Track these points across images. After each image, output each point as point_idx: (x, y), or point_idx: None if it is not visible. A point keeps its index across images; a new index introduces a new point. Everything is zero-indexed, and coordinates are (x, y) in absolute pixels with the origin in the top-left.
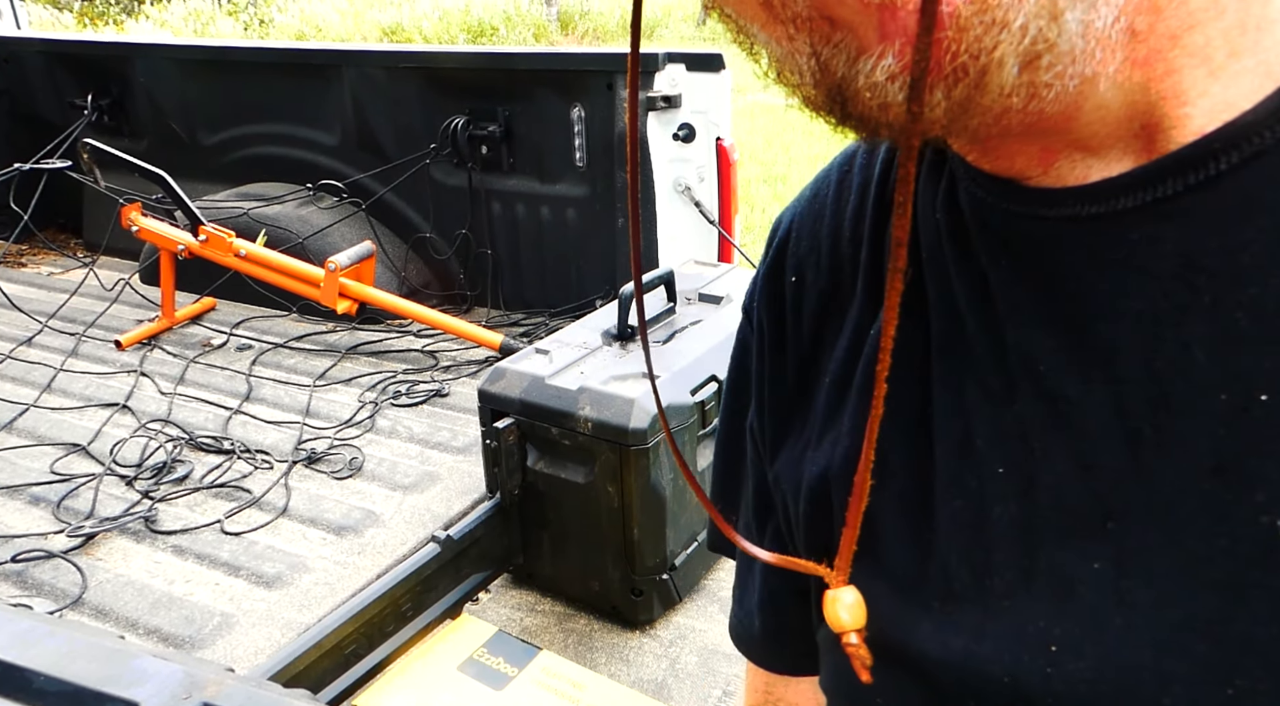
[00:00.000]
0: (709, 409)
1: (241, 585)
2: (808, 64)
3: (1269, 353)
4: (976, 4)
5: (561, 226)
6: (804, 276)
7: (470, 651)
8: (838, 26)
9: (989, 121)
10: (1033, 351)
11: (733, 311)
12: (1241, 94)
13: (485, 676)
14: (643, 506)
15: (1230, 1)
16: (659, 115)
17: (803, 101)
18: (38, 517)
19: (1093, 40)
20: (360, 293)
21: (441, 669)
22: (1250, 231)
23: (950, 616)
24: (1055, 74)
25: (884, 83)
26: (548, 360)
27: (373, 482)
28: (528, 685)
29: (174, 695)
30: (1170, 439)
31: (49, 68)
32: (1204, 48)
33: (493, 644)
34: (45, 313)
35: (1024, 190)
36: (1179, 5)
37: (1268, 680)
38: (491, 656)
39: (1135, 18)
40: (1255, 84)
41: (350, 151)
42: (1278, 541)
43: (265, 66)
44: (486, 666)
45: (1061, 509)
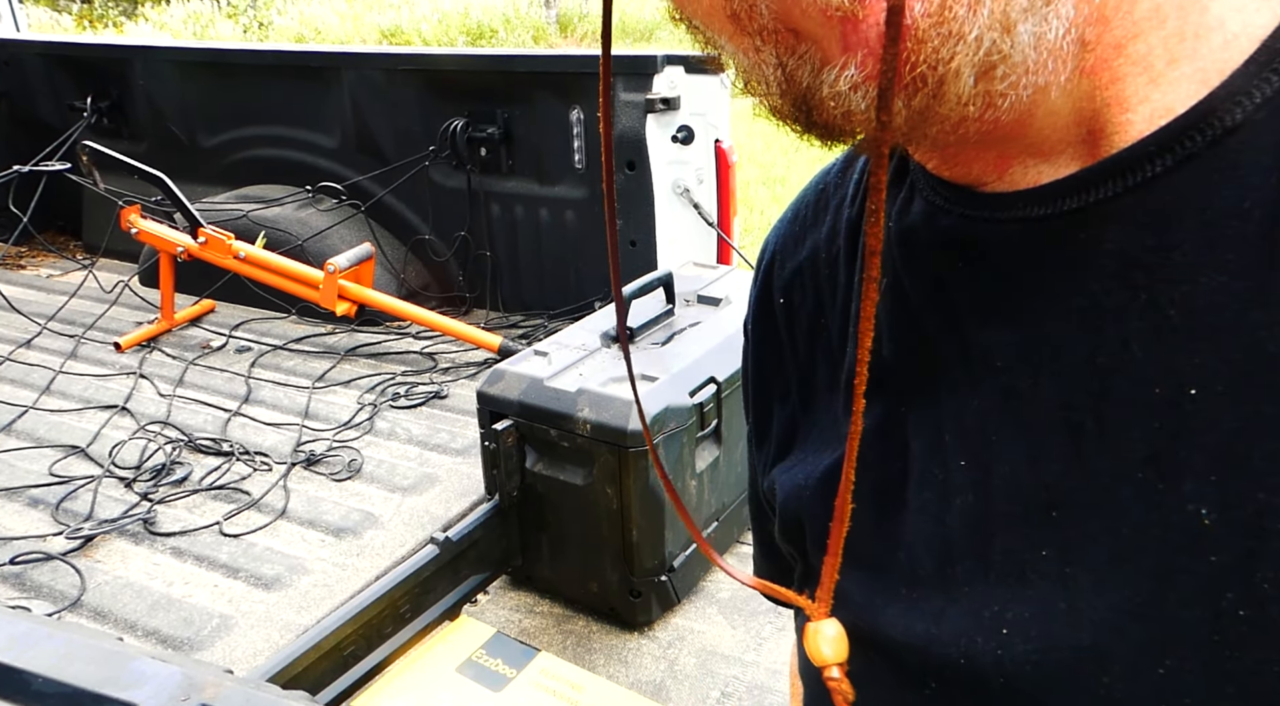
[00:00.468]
0: (707, 411)
1: (240, 587)
2: (774, 74)
3: (1198, 349)
4: (933, 17)
5: (560, 228)
6: (791, 299)
7: (469, 653)
8: (802, 38)
9: (947, 129)
10: (991, 348)
11: (732, 313)
12: (1179, 99)
13: (484, 678)
14: (641, 508)
15: (1171, 11)
16: (658, 117)
17: (769, 110)
18: (36, 519)
19: (1044, 51)
20: (359, 294)
21: (440, 670)
22: (1182, 232)
23: (915, 602)
24: (1010, 84)
25: (847, 92)
26: (546, 362)
27: (371, 484)
28: (526, 687)
29: (172, 696)
30: (1109, 431)
31: (48, 70)
32: (1146, 56)
33: (491, 645)
34: (44, 314)
35: (979, 195)
36: (1124, 16)
37: (1194, 660)
38: (490, 658)
39: (1085, 29)
40: (1192, 90)
41: (349, 154)
42: (1202, 529)
43: (265, 69)
44: (485, 668)
45: (1013, 498)
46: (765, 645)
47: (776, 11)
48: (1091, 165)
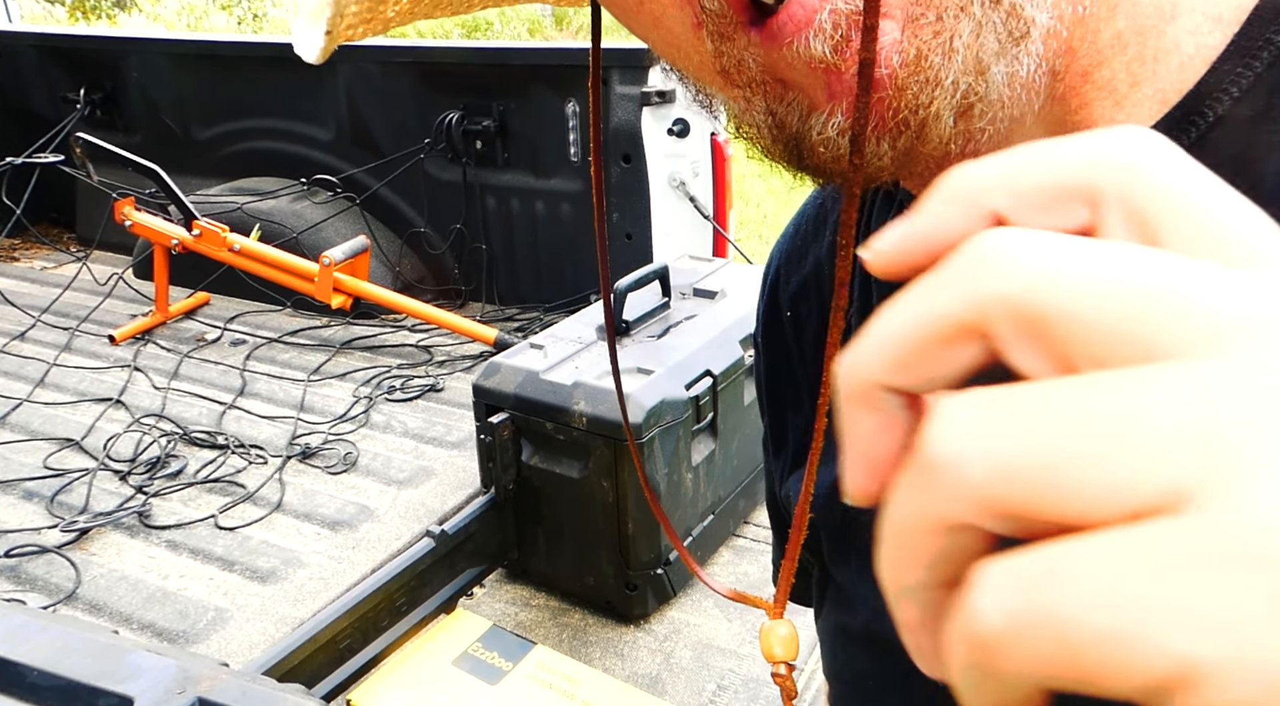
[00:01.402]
0: (703, 404)
1: (236, 580)
2: (764, 120)
3: None
4: (910, 66)
5: (556, 221)
6: (798, 311)
7: (465, 646)
8: (789, 87)
9: (932, 166)
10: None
11: (728, 306)
12: (1141, 119)
13: (480, 671)
14: (637, 502)
15: (1131, 37)
16: (653, 110)
17: (762, 152)
18: (31, 513)
19: (1018, 87)
20: (354, 287)
21: (437, 663)
22: None
23: None
24: (988, 121)
25: (835, 137)
26: (542, 355)
27: (367, 477)
28: (522, 680)
29: (168, 690)
30: None
31: (41, 62)
32: (1110, 80)
33: (487, 638)
34: (38, 307)
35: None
36: (1089, 45)
37: None
38: (486, 651)
39: (1054, 61)
40: (1152, 110)
41: (344, 146)
42: None
43: (259, 61)
44: (481, 661)
45: None
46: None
47: (764, 65)
48: None
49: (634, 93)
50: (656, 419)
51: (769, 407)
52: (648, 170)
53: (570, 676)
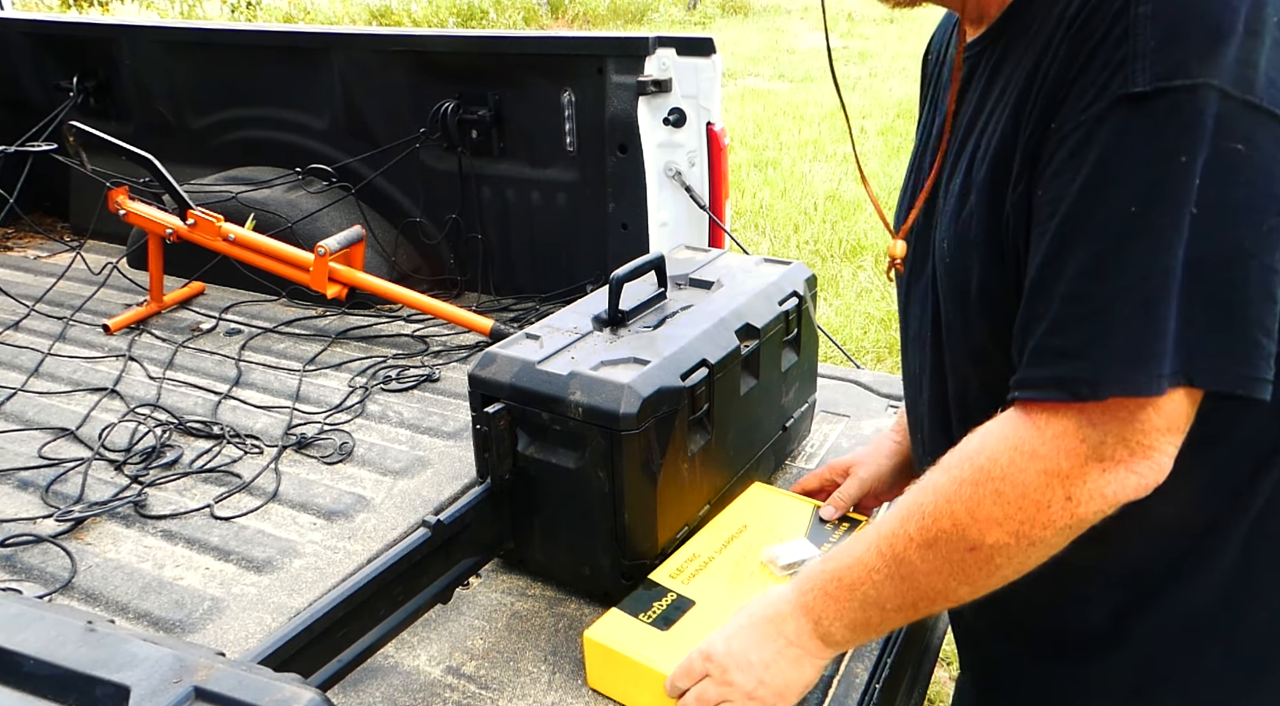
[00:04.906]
0: (699, 394)
1: (232, 569)
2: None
3: (995, 110)
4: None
5: (552, 211)
6: (928, 54)
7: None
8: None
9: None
10: (958, 108)
11: (724, 296)
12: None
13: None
14: (633, 492)
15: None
16: (649, 100)
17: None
18: (26, 502)
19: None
20: (350, 277)
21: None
22: (999, 64)
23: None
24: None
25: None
26: (538, 345)
27: (363, 467)
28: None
29: (164, 678)
30: (960, 150)
31: (34, 49)
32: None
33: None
34: (32, 296)
35: (969, 43)
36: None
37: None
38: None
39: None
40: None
41: (339, 135)
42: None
43: (253, 49)
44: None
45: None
46: None
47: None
48: (983, 32)
49: (630, 82)
50: (652, 409)
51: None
52: (644, 160)
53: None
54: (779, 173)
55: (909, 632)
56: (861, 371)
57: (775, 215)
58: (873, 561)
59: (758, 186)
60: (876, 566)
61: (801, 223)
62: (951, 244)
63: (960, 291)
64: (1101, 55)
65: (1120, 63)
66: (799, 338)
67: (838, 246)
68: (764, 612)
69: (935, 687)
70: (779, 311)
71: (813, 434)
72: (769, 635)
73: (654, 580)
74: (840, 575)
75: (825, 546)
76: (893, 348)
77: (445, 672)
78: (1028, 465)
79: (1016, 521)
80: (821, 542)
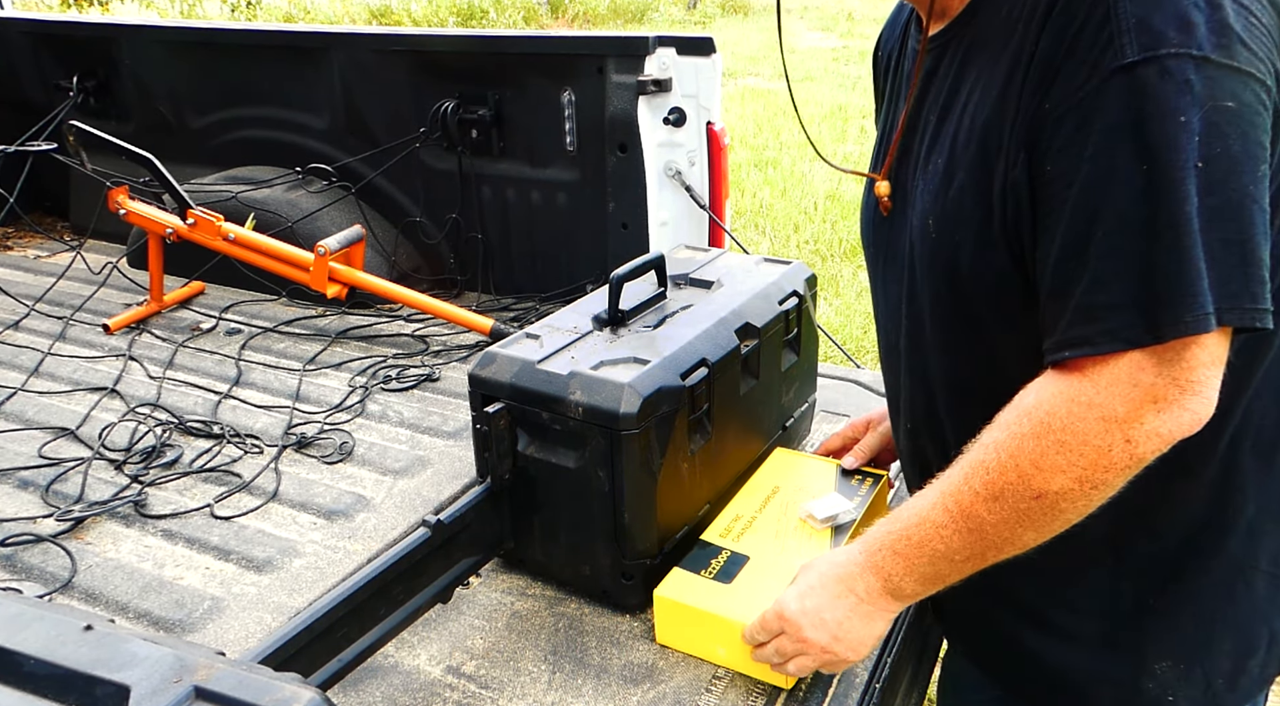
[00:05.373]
0: (699, 393)
1: (232, 569)
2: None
3: (974, 95)
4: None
5: (552, 211)
6: (879, 51)
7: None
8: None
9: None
10: (923, 93)
11: (724, 296)
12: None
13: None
14: (633, 491)
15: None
16: (649, 99)
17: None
18: (26, 501)
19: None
20: (350, 277)
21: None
22: (969, 53)
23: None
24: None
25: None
26: (538, 345)
27: (363, 467)
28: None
29: (165, 678)
30: (937, 132)
31: (34, 49)
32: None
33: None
34: (32, 296)
35: (932, 36)
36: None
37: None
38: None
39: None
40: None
41: (339, 135)
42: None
43: (253, 49)
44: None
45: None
46: None
47: None
48: (945, 25)
49: (630, 81)
50: (652, 408)
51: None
52: (644, 160)
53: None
54: (779, 172)
55: (909, 632)
56: (861, 371)
57: (775, 215)
58: (939, 518)
59: (758, 186)
60: (943, 522)
61: (801, 222)
62: (938, 220)
63: (948, 266)
64: (1087, 37)
65: (1107, 41)
66: (799, 337)
67: (838, 246)
68: (834, 572)
69: (935, 687)
70: (779, 311)
71: (813, 433)
72: (839, 593)
73: (706, 540)
74: (908, 534)
75: (855, 499)
76: None
77: (445, 672)
78: (1086, 414)
79: (1080, 468)
80: (852, 496)
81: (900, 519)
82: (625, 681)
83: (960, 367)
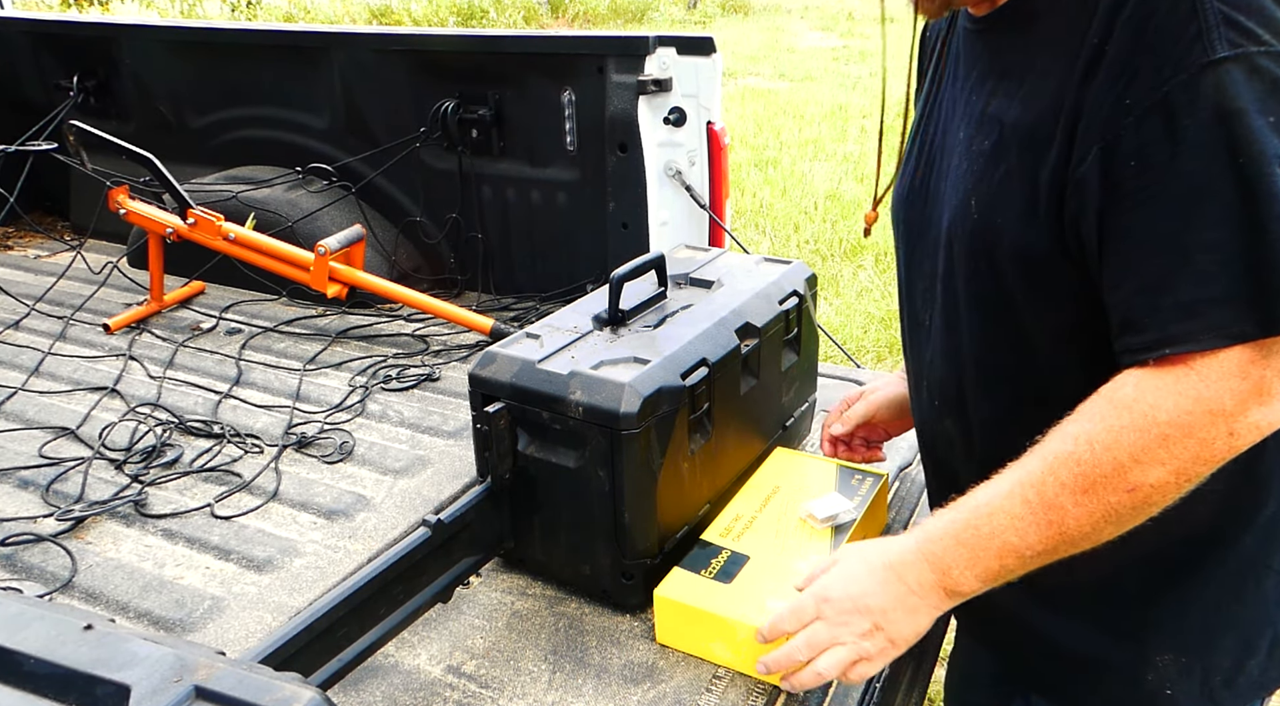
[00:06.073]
0: (699, 393)
1: (232, 569)
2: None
3: (1026, 82)
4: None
5: (552, 210)
6: (927, 31)
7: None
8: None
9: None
10: (965, 79)
11: (724, 296)
12: None
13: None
14: (633, 491)
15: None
16: (650, 99)
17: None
18: (26, 501)
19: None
20: (350, 277)
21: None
22: (1020, 37)
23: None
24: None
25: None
26: (538, 344)
27: (363, 467)
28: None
29: (165, 677)
30: (983, 114)
31: (34, 49)
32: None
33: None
34: (32, 296)
35: (972, 17)
36: None
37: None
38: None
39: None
40: None
41: (339, 135)
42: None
43: (253, 48)
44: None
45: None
46: None
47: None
48: (999, 7)
49: (630, 81)
50: (653, 408)
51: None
52: (644, 159)
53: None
54: (779, 172)
55: None
56: (862, 370)
57: (775, 214)
58: (1016, 509)
59: (758, 186)
60: (1021, 514)
61: (801, 222)
62: (980, 201)
63: (987, 246)
64: (1169, 32)
65: (1195, 35)
66: (799, 337)
67: (838, 245)
68: (882, 559)
69: (935, 687)
70: (779, 310)
71: (813, 433)
72: (888, 580)
73: (706, 540)
74: (977, 524)
75: (855, 499)
76: (893, 347)
77: (445, 672)
78: (1194, 408)
79: (1181, 460)
80: (852, 496)
81: (966, 508)
82: (625, 681)
83: (992, 348)
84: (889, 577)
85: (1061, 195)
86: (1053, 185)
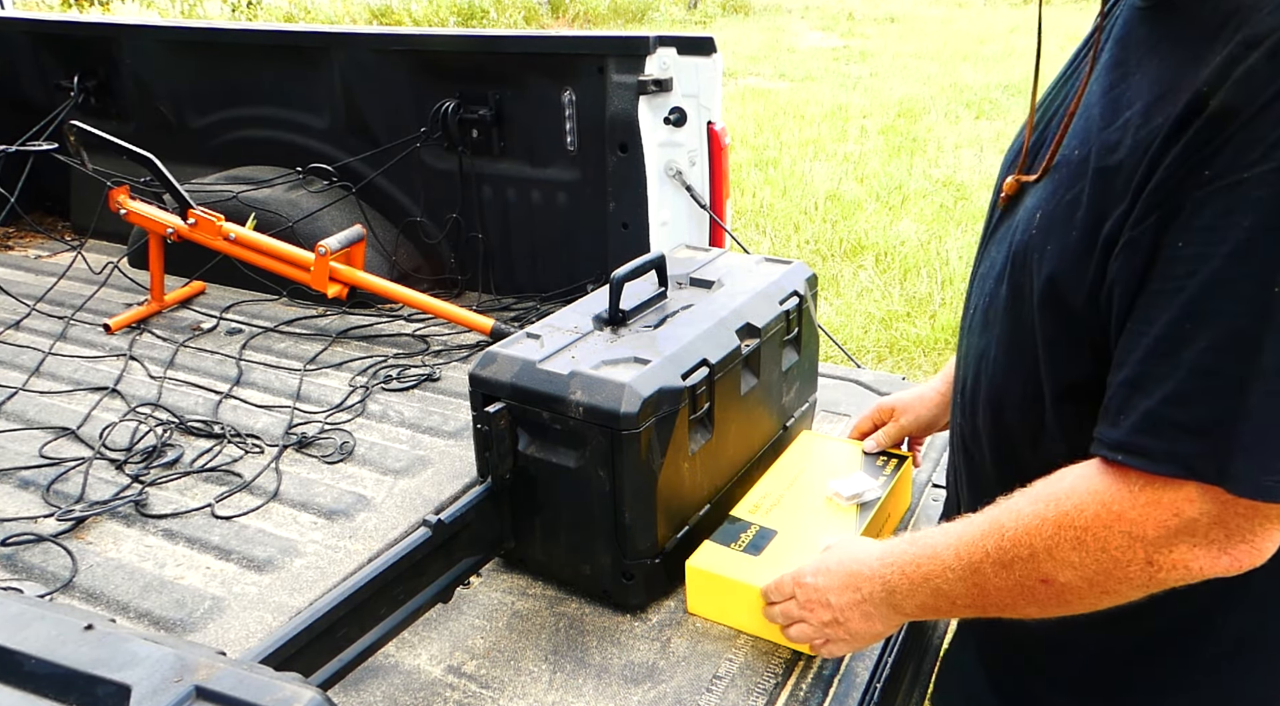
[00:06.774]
0: (700, 393)
1: (233, 569)
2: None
3: (1123, 99)
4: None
5: (552, 210)
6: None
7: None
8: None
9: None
10: (1112, 56)
11: (724, 296)
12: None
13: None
14: (633, 491)
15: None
16: (650, 99)
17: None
18: (27, 501)
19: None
20: (350, 277)
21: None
22: (1143, 45)
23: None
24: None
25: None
26: (539, 344)
27: (364, 467)
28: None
29: (165, 677)
30: (1090, 124)
31: (34, 49)
32: None
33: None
34: (33, 296)
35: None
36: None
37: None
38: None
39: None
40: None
41: (340, 135)
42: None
43: (254, 48)
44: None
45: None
46: None
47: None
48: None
49: (630, 81)
50: (653, 408)
51: None
52: (644, 159)
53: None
54: (779, 172)
55: (909, 632)
56: (862, 371)
57: (776, 214)
58: (949, 560)
59: (758, 186)
60: (952, 566)
61: (802, 222)
62: (1043, 218)
63: (1026, 266)
64: (1277, 110)
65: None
66: (800, 337)
67: (838, 245)
68: (849, 564)
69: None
70: (780, 311)
71: None
72: (848, 585)
73: (736, 515)
74: (919, 562)
75: (880, 479)
76: (892, 347)
77: (446, 672)
78: (1113, 524)
79: (1092, 570)
80: (877, 476)
81: (918, 543)
82: (626, 681)
83: (1007, 366)
84: (849, 584)
85: (1112, 246)
86: (1112, 232)
